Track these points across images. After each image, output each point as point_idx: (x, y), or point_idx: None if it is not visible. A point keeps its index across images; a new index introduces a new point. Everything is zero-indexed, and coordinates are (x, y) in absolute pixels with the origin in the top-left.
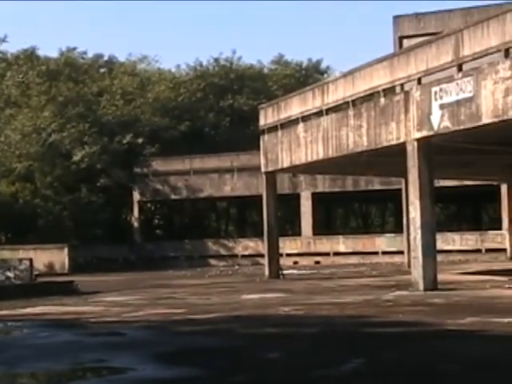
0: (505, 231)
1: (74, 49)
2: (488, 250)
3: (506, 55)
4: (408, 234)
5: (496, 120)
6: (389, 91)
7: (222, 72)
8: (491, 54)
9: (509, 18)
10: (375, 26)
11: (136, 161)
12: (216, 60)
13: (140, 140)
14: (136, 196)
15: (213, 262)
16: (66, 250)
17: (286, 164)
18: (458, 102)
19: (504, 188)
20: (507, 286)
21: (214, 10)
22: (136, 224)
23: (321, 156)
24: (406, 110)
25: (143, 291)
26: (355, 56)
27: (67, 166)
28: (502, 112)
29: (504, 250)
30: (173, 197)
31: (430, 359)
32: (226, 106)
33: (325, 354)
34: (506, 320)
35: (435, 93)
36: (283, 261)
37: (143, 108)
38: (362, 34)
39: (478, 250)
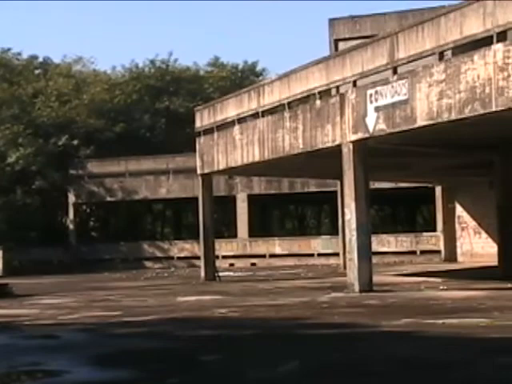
0: (439, 233)
1: (9, 50)
2: (423, 252)
3: (441, 58)
4: (343, 236)
5: (430, 122)
6: (325, 94)
7: (157, 74)
8: (426, 56)
9: (443, 22)
10: (311, 29)
11: (71, 163)
12: (152, 62)
13: (75, 142)
14: (71, 198)
15: (148, 264)
16: (0, 252)
17: (221, 166)
18: (393, 105)
19: (438, 190)
20: (441, 287)
21: (149, 12)
22: (71, 226)
23: (257, 158)
24: (342, 113)
25: (78, 293)
26: (291, 58)
27: (1, 168)
28: (436, 115)
29: (438, 251)
30: (108, 199)
31: (365, 360)
32: (161, 107)
33: (261, 356)
34: (441, 321)
35: (370, 95)
36: (219, 263)
37: (78, 109)
38: (298, 37)
39: (413, 252)
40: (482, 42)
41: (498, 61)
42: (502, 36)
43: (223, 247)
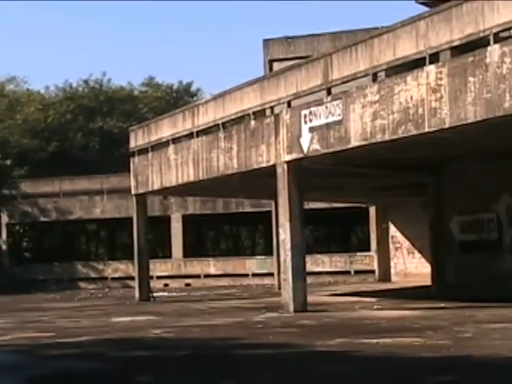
0: (373, 253)
1: None
2: (357, 272)
3: (374, 79)
4: (278, 256)
5: (364, 143)
6: (259, 114)
7: (91, 94)
8: (360, 77)
9: (376, 43)
10: (246, 49)
11: (4, 183)
12: (85, 82)
13: (8, 162)
14: (4, 218)
15: (82, 284)
16: None
17: (156, 186)
18: (328, 125)
19: (372, 210)
20: (376, 307)
21: (83, 31)
22: (4, 247)
23: (191, 178)
24: (277, 133)
25: (11, 315)
26: (226, 79)
27: None
28: (370, 135)
29: (372, 271)
30: (42, 219)
31: (300, 380)
32: (95, 127)
33: (195, 377)
34: (375, 340)
35: (305, 116)
36: (154, 283)
37: (12, 129)
38: (233, 57)
39: (347, 272)
40: (414, 64)
41: (430, 82)
42: (434, 57)
43: (158, 267)
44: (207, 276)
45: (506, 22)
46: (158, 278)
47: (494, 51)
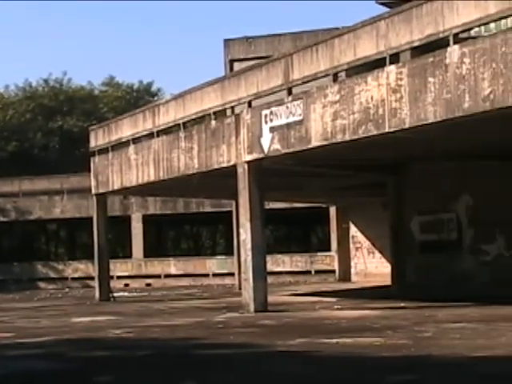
0: (333, 253)
1: None
2: (317, 272)
3: (335, 79)
4: (239, 256)
5: (325, 143)
6: (220, 114)
7: (51, 93)
8: (320, 78)
9: (337, 43)
10: (207, 49)
11: None
12: (45, 81)
13: None
14: None
15: (42, 284)
16: None
17: (116, 186)
18: (288, 125)
19: (333, 210)
20: (336, 307)
21: (43, 30)
22: None
23: (152, 178)
24: (237, 133)
25: None
26: (187, 79)
27: None
28: (330, 135)
29: (333, 271)
30: (1, 219)
31: (260, 380)
32: (55, 127)
33: (156, 377)
34: (335, 340)
35: (265, 116)
36: (114, 283)
37: None
38: (193, 57)
39: (308, 272)
40: (375, 64)
41: (390, 82)
42: (394, 58)
43: (118, 267)
44: (168, 276)
45: (465, 22)
46: (119, 278)
47: (453, 52)
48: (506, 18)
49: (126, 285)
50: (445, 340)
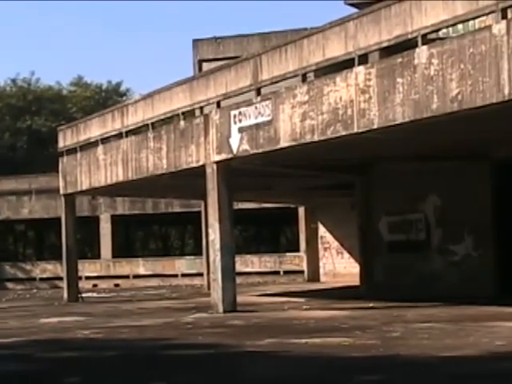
0: (302, 253)
1: None
2: (286, 272)
3: (304, 80)
4: (207, 257)
5: (294, 143)
6: (189, 114)
7: (19, 93)
8: (289, 78)
9: (306, 44)
10: (176, 49)
11: None
12: (13, 81)
13: None
14: None
15: (10, 285)
16: None
17: (85, 186)
18: (257, 126)
19: (301, 211)
20: (305, 307)
21: (10, 30)
22: None
23: (120, 178)
24: (206, 133)
25: None
26: (156, 79)
27: None
28: (299, 136)
29: (302, 271)
30: None
31: (229, 380)
32: (23, 127)
33: (125, 378)
34: (304, 340)
35: (234, 116)
36: (82, 284)
37: None
38: (162, 57)
39: (277, 272)
40: (344, 65)
41: (359, 83)
42: (363, 59)
43: (86, 268)
44: (136, 276)
45: (433, 23)
46: (87, 278)
47: (421, 53)
48: (473, 19)
49: (95, 285)
50: (413, 340)
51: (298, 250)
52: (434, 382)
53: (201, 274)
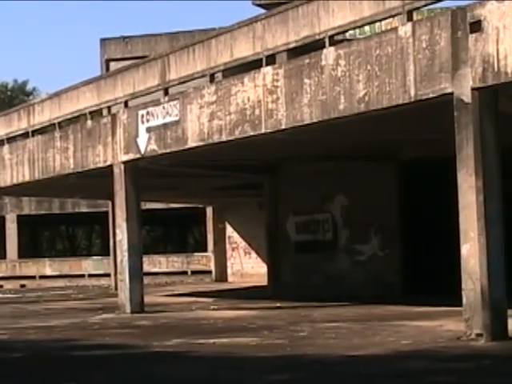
0: (210, 253)
1: None
2: (194, 272)
3: (212, 80)
4: (115, 257)
5: (202, 144)
6: (96, 114)
7: None
8: (197, 78)
9: (214, 44)
10: (83, 49)
11: None
12: None
13: None
14: None
15: None
16: None
17: None
18: (165, 126)
19: (209, 211)
20: (212, 307)
21: None
22: None
23: (27, 178)
24: (114, 133)
25: None
26: (63, 78)
27: None
28: (207, 136)
29: (209, 271)
30: None
31: (136, 381)
32: None
33: (33, 379)
34: (212, 340)
35: (142, 116)
36: None
37: None
38: (69, 56)
39: (185, 272)
40: (252, 65)
41: (267, 83)
42: (271, 59)
43: None
44: (43, 277)
45: (340, 25)
46: None
47: (329, 54)
48: (380, 20)
49: (0, 286)
50: (320, 339)
51: (205, 250)
52: (341, 381)
53: (108, 275)
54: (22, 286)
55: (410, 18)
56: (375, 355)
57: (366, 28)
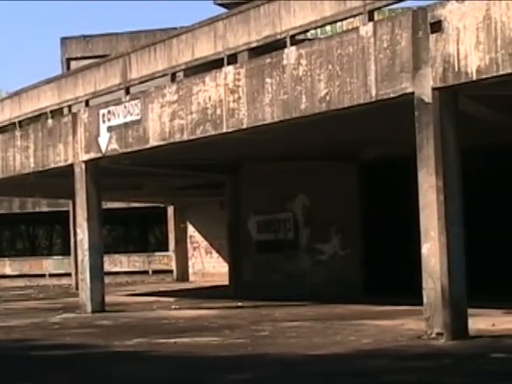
0: (171, 253)
1: None
2: (155, 272)
3: (173, 79)
4: (76, 256)
5: (163, 143)
6: (57, 113)
7: None
8: (158, 77)
9: (175, 43)
10: (43, 47)
11: None
12: None
13: None
14: None
15: None
16: None
17: None
18: (126, 125)
19: (170, 210)
20: (174, 306)
21: None
22: None
23: None
24: (74, 132)
25: None
26: (23, 77)
27: None
28: (168, 135)
29: (171, 271)
30: None
31: (97, 381)
32: None
33: None
34: (173, 340)
35: (103, 115)
36: None
37: None
38: (29, 55)
39: (146, 272)
40: (213, 64)
41: (228, 83)
42: (232, 59)
43: None
44: (3, 277)
45: (302, 24)
46: None
47: (290, 53)
48: (341, 20)
49: None
50: (281, 339)
51: (166, 250)
52: (302, 381)
53: (69, 274)
54: None
55: (371, 18)
56: (336, 354)
57: (328, 28)
